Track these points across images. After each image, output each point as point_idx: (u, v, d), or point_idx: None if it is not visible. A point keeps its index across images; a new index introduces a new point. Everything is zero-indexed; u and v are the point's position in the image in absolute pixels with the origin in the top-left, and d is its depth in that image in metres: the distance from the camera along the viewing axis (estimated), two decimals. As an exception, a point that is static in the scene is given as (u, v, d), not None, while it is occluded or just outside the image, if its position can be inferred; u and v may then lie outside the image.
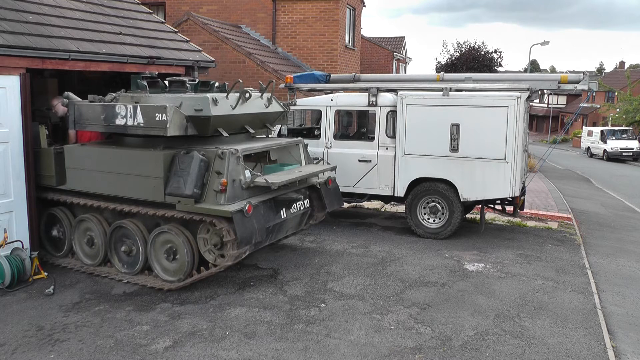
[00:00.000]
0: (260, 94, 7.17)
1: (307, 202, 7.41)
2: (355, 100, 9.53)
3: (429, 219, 8.93)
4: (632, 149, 31.89)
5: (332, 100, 9.51)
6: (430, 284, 6.78)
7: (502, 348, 5.12)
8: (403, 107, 8.78)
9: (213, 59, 10.30)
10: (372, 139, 9.22)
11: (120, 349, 5.00)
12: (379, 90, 9.18)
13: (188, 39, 10.50)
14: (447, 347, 5.13)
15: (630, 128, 34.96)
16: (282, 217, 6.86)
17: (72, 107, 6.81)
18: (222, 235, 6.07)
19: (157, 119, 6.05)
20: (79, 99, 6.97)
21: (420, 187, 8.83)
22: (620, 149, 31.98)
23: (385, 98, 9.12)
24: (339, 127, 9.80)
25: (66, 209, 7.30)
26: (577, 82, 9.30)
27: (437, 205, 8.81)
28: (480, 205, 9.11)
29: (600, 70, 79.26)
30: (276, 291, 6.43)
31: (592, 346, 5.20)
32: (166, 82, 6.90)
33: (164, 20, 11.57)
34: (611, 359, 5.01)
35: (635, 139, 33.13)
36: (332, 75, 11.22)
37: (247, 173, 6.36)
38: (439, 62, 33.39)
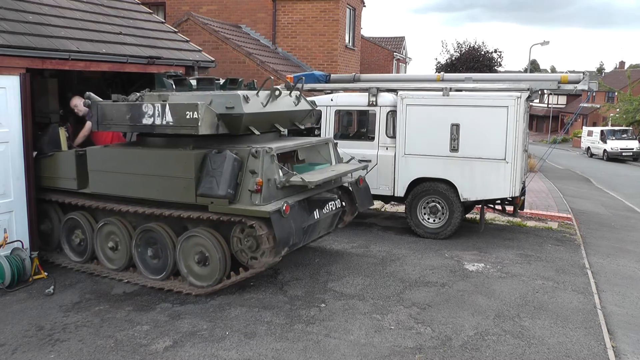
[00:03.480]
0: (288, 91, 7.00)
1: (338, 202, 7.24)
2: (355, 100, 9.53)
3: (429, 219, 8.93)
4: (632, 149, 31.91)
5: (332, 100, 9.51)
6: (430, 284, 6.78)
7: (502, 348, 5.12)
8: (403, 107, 8.78)
9: (213, 59, 10.29)
10: (372, 139, 9.22)
11: (120, 349, 5.00)
12: (379, 90, 9.18)
13: (188, 39, 10.50)
14: (447, 347, 5.13)
15: (630, 128, 34.99)
16: (316, 217, 6.64)
17: (94, 108, 6.58)
18: (258, 236, 5.86)
19: (187, 117, 5.82)
20: (101, 99, 6.77)
21: (420, 187, 8.83)
22: (620, 149, 31.99)
23: (385, 98, 9.12)
24: (339, 127, 9.79)
25: (88, 213, 7.06)
26: (577, 82, 9.31)
27: (437, 205, 8.81)
28: (480, 205, 9.11)
29: (600, 70, 79.30)
30: (276, 291, 6.43)
31: (592, 346, 5.20)
32: (193, 81, 6.70)
33: (164, 20, 11.57)
34: (611, 359, 5.01)
35: (635, 139, 33.15)
36: (332, 75, 11.23)
37: (280, 172, 6.18)
38: (439, 62, 33.40)
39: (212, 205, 5.92)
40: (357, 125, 10.65)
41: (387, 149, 9.03)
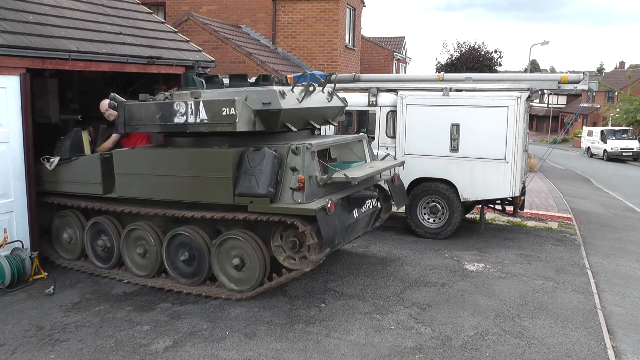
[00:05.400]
0: (321, 88, 6.81)
1: (375, 201, 7.02)
2: (355, 100, 9.53)
3: (429, 219, 8.93)
4: (632, 149, 31.92)
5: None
6: (430, 284, 6.78)
7: (502, 348, 5.12)
8: (403, 107, 8.79)
9: (213, 59, 10.30)
10: (372, 139, 9.20)
11: (120, 349, 5.00)
12: (379, 90, 9.18)
13: (188, 39, 10.50)
14: (447, 347, 5.13)
15: (630, 128, 35.00)
16: (355, 216, 6.37)
17: (121, 108, 6.34)
18: (301, 236, 5.64)
19: (224, 113, 5.60)
20: (124, 100, 6.57)
21: (421, 187, 8.83)
22: (620, 149, 32.00)
23: (385, 98, 9.13)
24: (339, 127, 9.79)
25: (114, 218, 6.82)
26: (577, 82, 9.31)
27: (437, 205, 8.81)
28: (480, 205, 9.11)
29: (600, 70, 79.28)
30: (276, 291, 6.41)
31: (592, 346, 5.20)
32: (224, 79, 6.49)
33: (164, 20, 11.57)
34: (611, 359, 5.01)
35: (635, 139, 33.15)
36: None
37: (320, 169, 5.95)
38: (439, 62, 33.47)
39: (251, 205, 5.69)
40: (357, 125, 10.64)
41: (387, 149, 9.02)
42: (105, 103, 7.18)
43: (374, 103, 9.12)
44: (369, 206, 6.78)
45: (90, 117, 8.13)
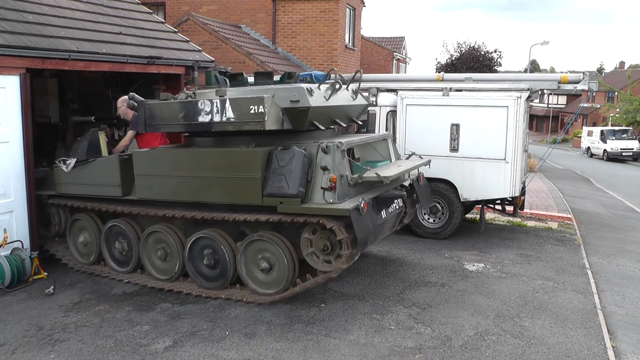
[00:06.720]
0: (345, 85, 6.68)
1: (401, 201, 6.91)
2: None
3: (429, 219, 8.93)
4: (632, 149, 31.95)
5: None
6: (430, 284, 6.78)
7: (502, 348, 5.12)
8: (403, 107, 8.79)
9: (213, 59, 10.29)
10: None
11: (120, 349, 5.00)
12: (379, 90, 9.18)
13: (188, 39, 10.50)
14: (447, 347, 5.13)
15: (630, 128, 35.01)
16: (383, 216, 6.24)
17: (142, 108, 6.19)
18: (333, 237, 5.48)
19: (252, 112, 5.45)
20: (142, 99, 6.45)
21: (420, 187, 8.82)
22: (620, 149, 32.03)
23: (385, 98, 9.13)
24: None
25: (132, 220, 6.66)
26: (577, 82, 9.31)
27: (437, 205, 8.81)
28: (480, 205, 9.11)
29: (600, 70, 79.28)
30: (276, 291, 6.42)
31: (592, 346, 5.20)
32: (249, 77, 6.37)
33: (164, 20, 11.57)
34: (611, 359, 5.01)
35: (635, 139, 33.17)
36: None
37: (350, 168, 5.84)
38: (439, 62, 33.46)
39: (281, 206, 5.53)
40: (357, 126, 10.65)
41: (387, 149, 9.01)
42: (122, 100, 7.11)
43: (374, 103, 9.12)
44: (395, 206, 6.68)
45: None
